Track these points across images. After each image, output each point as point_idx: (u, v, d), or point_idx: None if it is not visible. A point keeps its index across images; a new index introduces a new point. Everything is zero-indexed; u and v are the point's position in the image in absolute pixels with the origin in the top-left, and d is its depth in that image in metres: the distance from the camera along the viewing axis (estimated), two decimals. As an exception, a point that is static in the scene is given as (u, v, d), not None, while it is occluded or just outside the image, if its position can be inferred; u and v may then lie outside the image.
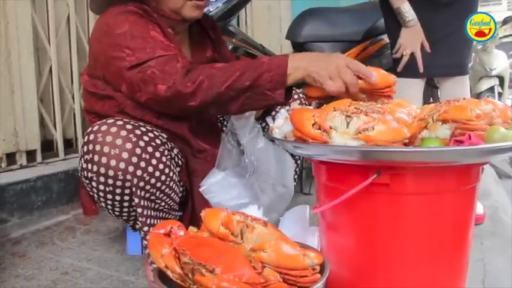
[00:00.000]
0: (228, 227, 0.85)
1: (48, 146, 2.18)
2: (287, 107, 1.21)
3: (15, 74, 1.92)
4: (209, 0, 1.85)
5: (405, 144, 0.93)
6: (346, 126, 0.90)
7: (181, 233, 0.87)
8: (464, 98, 0.99)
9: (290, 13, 3.90)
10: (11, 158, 1.94)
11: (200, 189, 1.26)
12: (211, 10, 1.84)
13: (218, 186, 1.26)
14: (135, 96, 1.20)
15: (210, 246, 0.82)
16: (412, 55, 1.72)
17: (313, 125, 0.92)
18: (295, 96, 1.45)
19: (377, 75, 1.07)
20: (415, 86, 1.81)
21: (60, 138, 2.15)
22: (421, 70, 1.71)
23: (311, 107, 1.14)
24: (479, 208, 1.70)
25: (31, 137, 1.99)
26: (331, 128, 0.90)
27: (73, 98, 2.24)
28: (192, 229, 0.92)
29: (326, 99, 1.10)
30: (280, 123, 1.05)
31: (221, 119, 1.53)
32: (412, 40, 1.70)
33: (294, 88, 1.50)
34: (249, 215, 0.88)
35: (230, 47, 1.93)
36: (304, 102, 1.43)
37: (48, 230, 1.75)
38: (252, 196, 1.29)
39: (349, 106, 0.96)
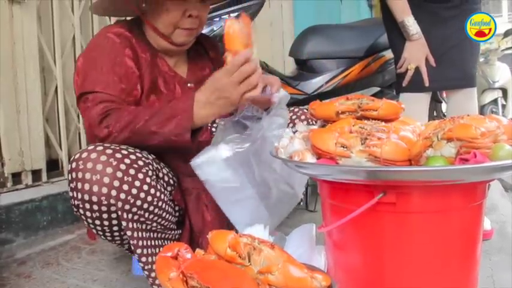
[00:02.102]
0: (235, 249, 0.85)
1: (53, 165, 2.19)
2: (293, 128, 1.21)
3: (21, 94, 1.94)
4: (212, 19, 1.88)
5: (411, 163, 0.93)
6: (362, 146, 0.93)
7: (189, 255, 0.87)
8: (468, 115, 0.99)
9: (292, 29, 3.94)
10: (16, 177, 1.95)
11: (191, 163, 1.23)
12: (215, 29, 1.86)
13: (209, 163, 1.22)
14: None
15: (218, 269, 0.82)
16: (417, 69, 1.72)
17: (335, 144, 0.95)
18: (302, 117, 1.45)
19: (384, 105, 1.07)
20: (421, 101, 1.81)
21: (65, 157, 2.16)
22: (427, 84, 1.71)
23: (316, 126, 1.15)
24: (486, 223, 1.68)
25: (37, 156, 2.00)
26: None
27: (78, 117, 2.26)
28: (199, 251, 0.92)
29: (331, 118, 1.11)
30: (286, 143, 1.05)
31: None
32: (416, 54, 1.71)
33: (300, 108, 1.51)
34: (256, 237, 0.88)
35: (233, 65, 1.94)
36: (310, 121, 1.43)
37: (53, 250, 1.75)
38: (246, 181, 1.25)
39: (353, 126, 0.97)
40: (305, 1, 3.75)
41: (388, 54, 2.55)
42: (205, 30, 1.76)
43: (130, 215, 1.12)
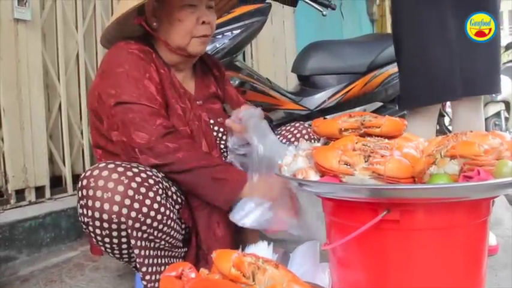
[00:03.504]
0: (239, 268, 0.85)
1: (57, 182, 2.19)
2: (296, 144, 1.22)
3: (25, 111, 1.96)
4: (215, 36, 1.90)
5: (414, 180, 0.93)
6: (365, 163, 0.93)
7: (193, 275, 0.87)
8: (471, 131, 0.99)
9: (295, 45, 3.97)
10: (20, 194, 1.95)
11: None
12: (217, 46, 1.88)
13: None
14: (110, 133, 1.27)
15: (222, 288, 0.82)
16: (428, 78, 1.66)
17: (338, 161, 0.95)
18: (304, 131, 1.46)
19: (387, 122, 1.07)
20: (429, 115, 1.76)
21: (69, 173, 2.17)
22: None
23: (319, 144, 1.15)
24: (492, 239, 1.67)
25: (40, 173, 2.01)
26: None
27: (82, 133, 2.27)
28: (203, 271, 0.91)
29: (334, 135, 1.11)
30: (289, 160, 1.05)
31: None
32: None
33: (302, 123, 1.52)
34: (261, 257, 0.88)
35: (237, 82, 1.96)
36: (312, 138, 1.44)
37: (56, 267, 1.75)
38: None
39: (356, 143, 0.97)
40: (307, 17, 3.78)
41: (391, 69, 2.56)
42: (208, 48, 1.78)
43: (140, 233, 1.12)
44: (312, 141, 1.44)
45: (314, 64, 2.41)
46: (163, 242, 1.19)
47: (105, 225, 1.11)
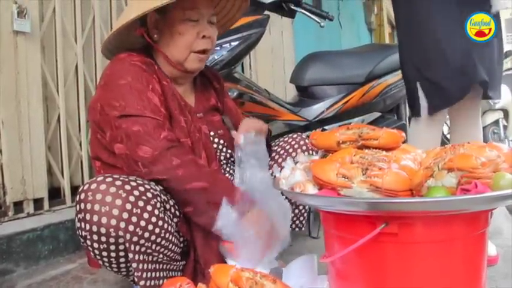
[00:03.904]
0: (237, 283, 0.85)
1: (55, 194, 2.18)
2: (295, 158, 1.22)
3: (24, 123, 1.96)
4: (214, 49, 1.90)
5: (412, 193, 0.93)
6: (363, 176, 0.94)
7: (190, 290, 0.87)
8: (469, 142, 0.99)
9: (293, 55, 3.98)
10: (18, 206, 1.95)
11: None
12: (216, 58, 1.88)
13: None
14: (113, 146, 1.25)
15: (219, 302, 0.81)
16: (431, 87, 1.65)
17: (336, 174, 0.95)
18: (301, 142, 1.47)
19: (384, 135, 1.07)
20: (435, 122, 1.74)
21: (67, 185, 2.16)
22: None
23: (317, 156, 1.15)
24: (492, 249, 1.66)
25: (39, 185, 2.00)
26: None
27: (80, 145, 2.27)
28: (201, 286, 0.91)
29: (332, 148, 1.11)
30: (287, 173, 1.05)
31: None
32: None
33: (300, 134, 1.52)
34: (258, 272, 0.88)
35: (235, 93, 1.96)
36: (310, 151, 1.44)
37: (54, 280, 1.73)
38: None
39: (354, 155, 0.97)
40: (305, 27, 3.80)
41: (389, 79, 2.57)
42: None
43: (138, 247, 1.12)
44: (311, 152, 1.44)
45: (312, 75, 2.41)
46: (161, 256, 1.19)
47: (103, 239, 1.10)
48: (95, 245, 1.12)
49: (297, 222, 1.55)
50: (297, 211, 1.53)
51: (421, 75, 1.69)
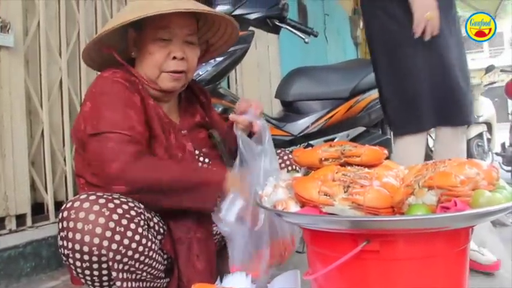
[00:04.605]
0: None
1: (38, 209, 2.16)
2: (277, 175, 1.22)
3: (6, 138, 1.93)
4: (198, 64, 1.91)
5: (393, 210, 0.94)
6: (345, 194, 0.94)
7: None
8: (450, 159, 1.00)
9: (279, 70, 4.01)
10: (0, 222, 1.92)
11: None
12: (200, 73, 1.89)
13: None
14: (90, 165, 1.27)
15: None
16: (412, 107, 1.70)
17: (318, 192, 0.95)
18: (286, 159, 1.47)
19: (366, 152, 1.08)
20: (418, 141, 1.78)
21: (51, 201, 2.13)
22: (435, 33, 1.60)
23: (299, 174, 1.16)
24: (490, 256, 1.68)
25: (21, 201, 1.97)
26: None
27: (64, 160, 2.24)
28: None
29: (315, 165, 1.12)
30: (269, 191, 1.05)
31: None
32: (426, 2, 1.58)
33: (283, 150, 1.53)
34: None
35: (220, 109, 1.97)
36: (292, 168, 1.45)
37: (36, 298, 1.71)
38: None
39: (336, 173, 0.98)
40: (291, 42, 3.83)
41: (374, 94, 2.60)
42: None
43: (121, 265, 1.11)
44: (295, 167, 1.45)
45: (297, 90, 2.43)
46: (145, 274, 1.18)
47: (86, 257, 1.09)
48: (77, 263, 1.11)
49: None
50: None
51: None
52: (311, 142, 2.32)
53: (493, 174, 0.97)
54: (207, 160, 1.41)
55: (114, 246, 1.08)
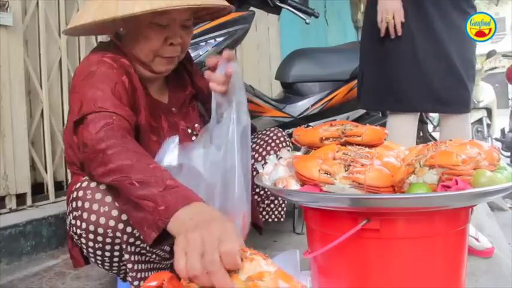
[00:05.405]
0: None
1: (38, 189, 2.16)
2: (278, 154, 1.22)
3: (6, 118, 1.93)
4: (198, 44, 1.89)
5: (394, 189, 0.94)
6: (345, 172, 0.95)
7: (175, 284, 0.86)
8: (451, 140, 1.00)
9: (279, 52, 3.98)
10: (0, 201, 1.93)
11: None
12: (200, 54, 1.87)
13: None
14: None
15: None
16: (403, 88, 1.75)
17: (318, 170, 0.96)
18: (281, 136, 1.47)
19: (367, 131, 1.08)
20: (408, 121, 1.81)
21: (50, 180, 2.14)
22: (399, 33, 1.73)
23: (300, 153, 1.16)
24: (485, 242, 1.69)
25: (21, 180, 1.98)
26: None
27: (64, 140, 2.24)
28: (184, 280, 0.91)
29: (315, 144, 1.12)
30: (270, 169, 1.06)
31: None
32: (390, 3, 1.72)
33: (278, 128, 1.53)
34: (249, 249, 0.86)
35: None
36: (289, 145, 1.44)
37: (37, 276, 1.72)
38: None
39: (337, 152, 0.98)
40: (292, 24, 3.80)
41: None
42: (192, 55, 1.77)
43: (133, 248, 1.11)
44: (290, 146, 1.44)
45: (297, 71, 2.41)
46: (154, 256, 1.19)
47: (99, 238, 1.08)
48: (90, 243, 1.10)
49: (276, 213, 1.56)
50: (276, 202, 1.55)
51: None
52: (311, 124, 2.31)
53: (494, 155, 0.97)
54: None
55: (128, 229, 1.07)
